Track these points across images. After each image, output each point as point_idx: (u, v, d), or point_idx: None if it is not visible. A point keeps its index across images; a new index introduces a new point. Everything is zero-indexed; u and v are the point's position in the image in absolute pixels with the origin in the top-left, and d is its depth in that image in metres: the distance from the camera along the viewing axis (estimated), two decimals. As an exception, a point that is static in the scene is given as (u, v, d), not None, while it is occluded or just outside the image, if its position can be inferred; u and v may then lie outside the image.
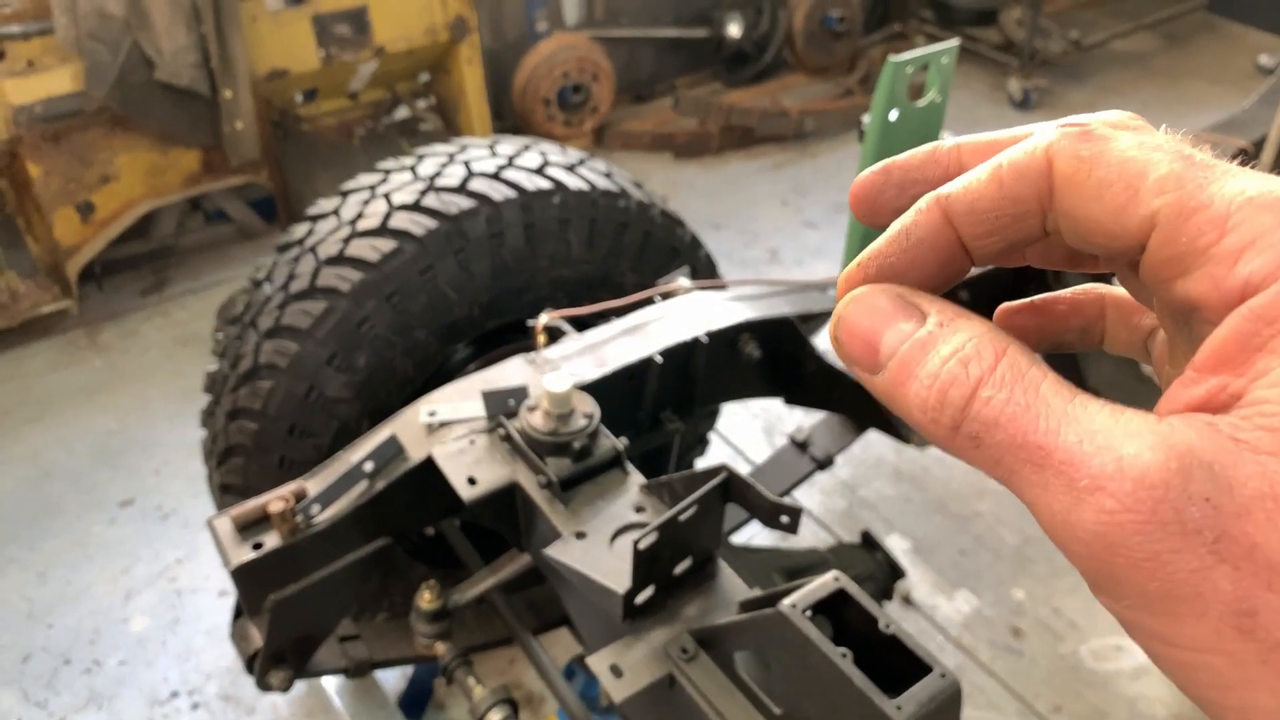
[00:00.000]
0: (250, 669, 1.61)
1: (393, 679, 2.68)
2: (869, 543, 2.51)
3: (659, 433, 1.94)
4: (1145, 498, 0.32)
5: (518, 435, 1.47)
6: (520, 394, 1.53)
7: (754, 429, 3.57)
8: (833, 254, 4.52)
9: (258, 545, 1.45)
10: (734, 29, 5.64)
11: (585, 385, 1.67)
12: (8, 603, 2.97)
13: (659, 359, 1.80)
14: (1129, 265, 0.39)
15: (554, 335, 1.87)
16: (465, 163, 2.13)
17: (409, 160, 2.20)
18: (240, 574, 1.44)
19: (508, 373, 1.71)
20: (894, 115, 2.17)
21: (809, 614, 1.09)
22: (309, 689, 2.64)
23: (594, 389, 1.61)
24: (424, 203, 2.03)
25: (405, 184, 2.09)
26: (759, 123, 5.27)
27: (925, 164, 0.45)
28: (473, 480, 1.47)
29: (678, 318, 1.91)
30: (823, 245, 4.62)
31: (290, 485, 1.50)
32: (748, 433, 3.55)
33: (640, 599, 1.24)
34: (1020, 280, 2.52)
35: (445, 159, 2.17)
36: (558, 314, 1.89)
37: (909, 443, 2.08)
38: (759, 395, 2.17)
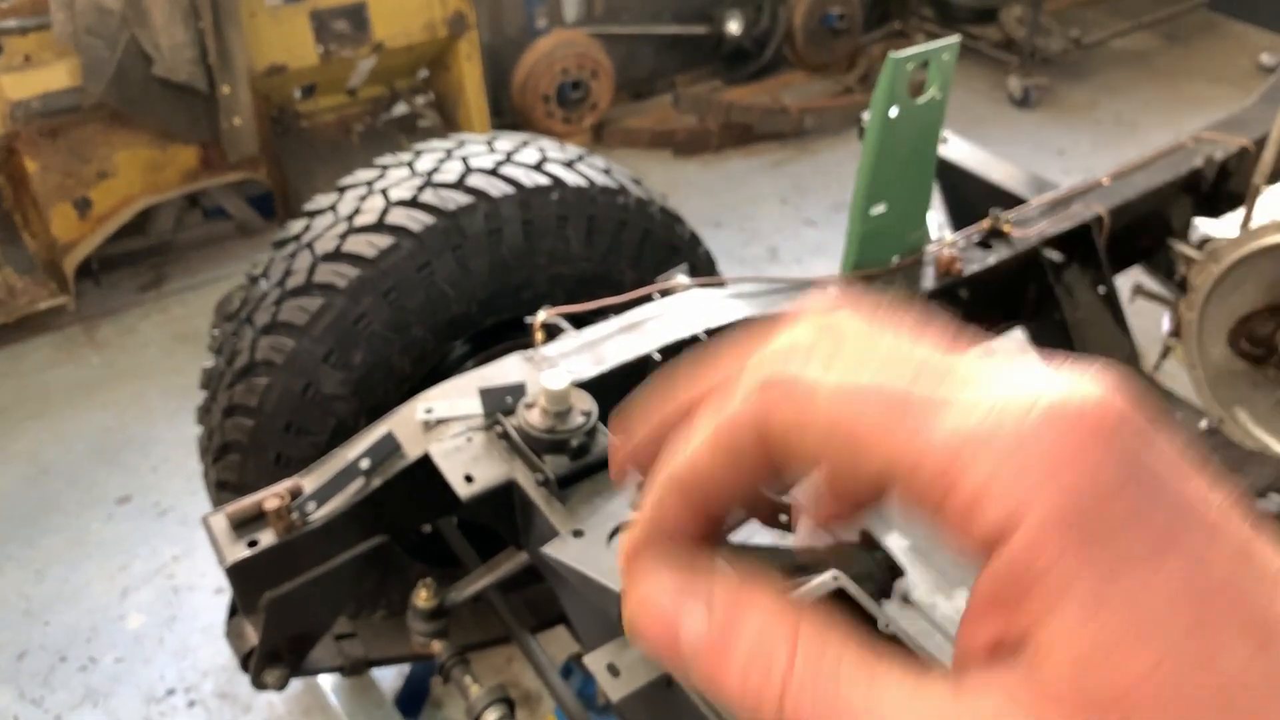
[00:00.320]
0: (245, 667, 1.60)
1: (389, 677, 2.67)
2: (868, 541, 2.50)
3: (657, 431, 1.92)
4: None
5: (515, 433, 1.47)
6: (518, 391, 1.52)
7: (753, 427, 3.56)
8: (832, 252, 4.51)
9: (253, 543, 1.44)
10: (734, 26, 5.63)
11: (583, 383, 1.66)
12: (4, 600, 2.96)
13: (657, 356, 1.79)
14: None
15: (552, 332, 1.86)
16: (463, 159, 2.12)
17: (407, 156, 2.19)
18: (235, 571, 1.44)
19: (505, 370, 1.70)
20: (894, 112, 2.16)
21: (808, 614, 1.09)
22: (305, 687, 2.64)
23: (592, 386, 1.60)
24: (422, 199, 2.02)
25: (403, 180, 2.09)
26: (759, 120, 5.26)
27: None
28: (470, 478, 1.46)
29: (676, 315, 1.91)
30: (822, 243, 4.61)
31: (286, 482, 1.49)
32: (747, 431, 3.54)
33: (638, 598, 1.23)
34: (1021, 279, 2.52)
35: (443, 155, 2.16)
36: (556, 311, 1.88)
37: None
38: (758, 393, 2.16)
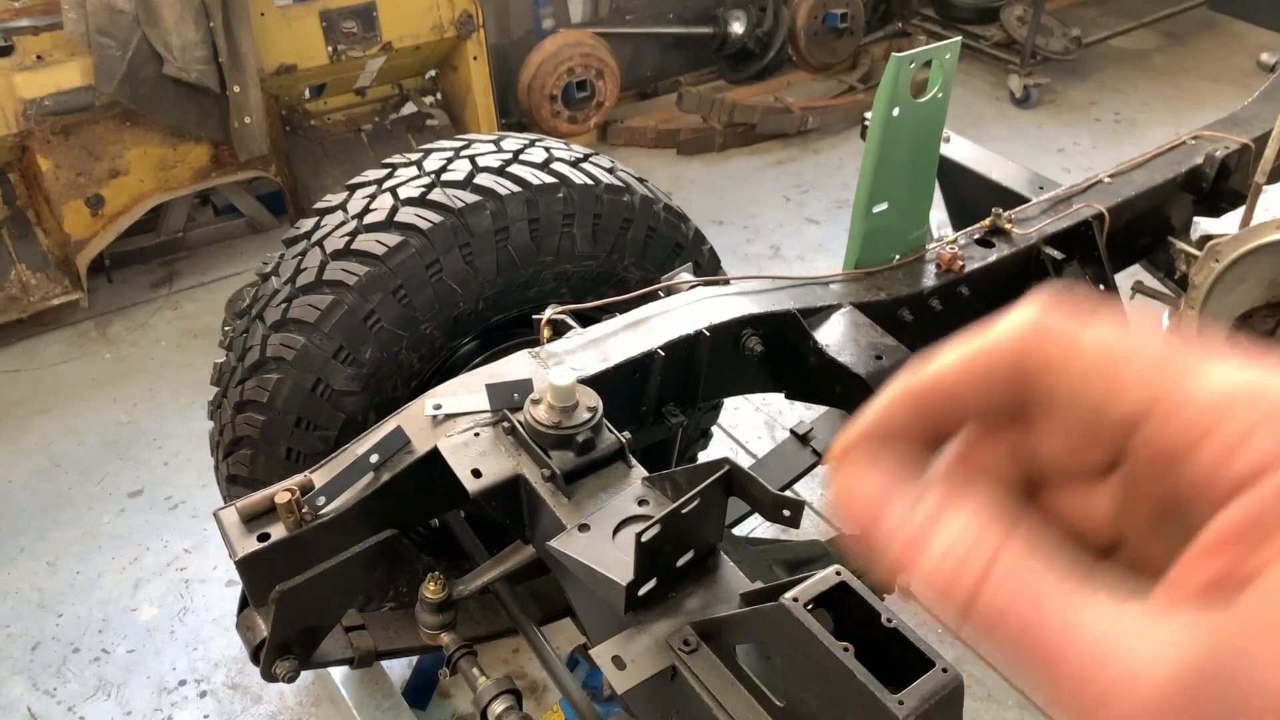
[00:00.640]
0: (256, 660, 1.63)
1: (398, 669, 2.70)
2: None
3: (662, 426, 1.96)
4: (1169, 710, 0.31)
5: (522, 428, 1.49)
6: (524, 387, 1.55)
7: (756, 422, 3.59)
8: (834, 249, 4.53)
9: (264, 536, 1.46)
10: (738, 26, 5.65)
11: (589, 379, 1.69)
12: (18, 592, 3.00)
13: (662, 353, 1.82)
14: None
15: (558, 330, 1.89)
16: (471, 158, 2.15)
17: (415, 156, 2.22)
18: (245, 565, 1.46)
19: (512, 366, 1.73)
20: (896, 112, 2.19)
21: (810, 607, 1.11)
22: (315, 678, 2.67)
23: (597, 383, 1.62)
24: (430, 198, 2.05)
25: (411, 179, 2.12)
26: (762, 119, 5.29)
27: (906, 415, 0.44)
28: (477, 472, 1.49)
29: (681, 312, 1.93)
30: (825, 241, 4.64)
31: (296, 477, 1.52)
32: (750, 426, 3.57)
33: (643, 591, 1.26)
34: (1022, 277, 2.54)
35: (451, 154, 2.19)
36: (562, 309, 1.91)
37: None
38: (761, 389, 2.19)
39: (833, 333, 2.08)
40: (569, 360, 1.76)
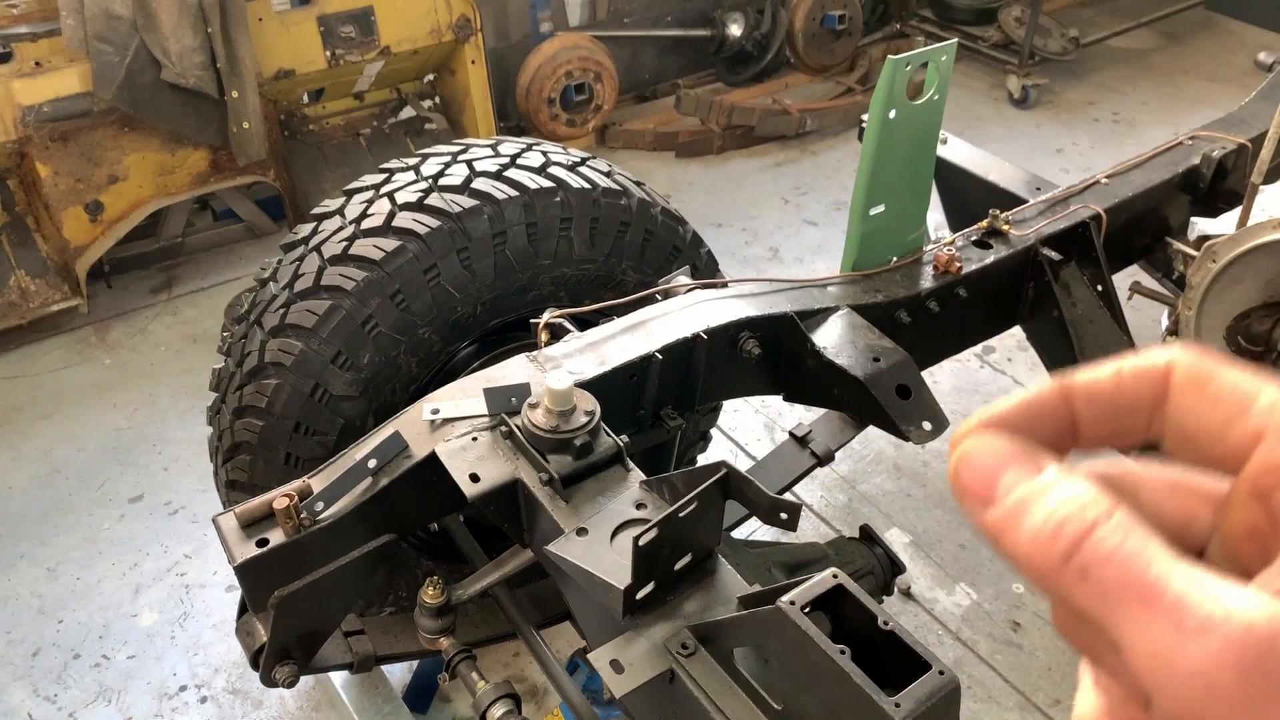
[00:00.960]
0: (256, 665, 1.63)
1: (398, 673, 2.71)
2: (869, 537, 2.53)
3: (660, 429, 1.96)
4: (1252, 646, 0.34)
5: (520, 432, 1.50)
6: (522, 391, 1.55)
7: (755, 425, 3.59)
8: (832, 251, 4.53)
9: (262, 542, 1.47)
10: (735, 29, 5.65)
11: (586, 383, 1.69)
12: (18, 598, 3.00)
13: (659, 356, 1.82)
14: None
15: (556, 333, 1.89)
16: (468, 162, 2.16)
17: (413, 160, 2.22)
18: (244, 570, 1.46)
19: (510, 371, 1.73)
20: (893, 114, 2.19)
21: (807, 610, 1.11)
22: (315, 683, 2.67)
23: (595, 386, 1.63)
24: (427, 202, 2.05)
25: (409, 184, 2.12)
26: (760, 122, 5.29)
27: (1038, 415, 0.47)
28: (475, 477, 1.49)
29: (678, 315, 1.94)
30: (823, 243, 4.64)
31: (295, 482, 1.53)
32: (750, 428, 3.57)
33: (641, 595, 1.26)
34: (1020, 278, 2.54)
35: (448, 159, 2.19)
36: (560, 312, 1.92)
37: (908, 439, 2.10)
38: (759, 392, 2.19)
39: (830, 335, 2.08)
40: (567, 364, 1.76)
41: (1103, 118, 5.70)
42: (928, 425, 1.97)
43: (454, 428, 1.59)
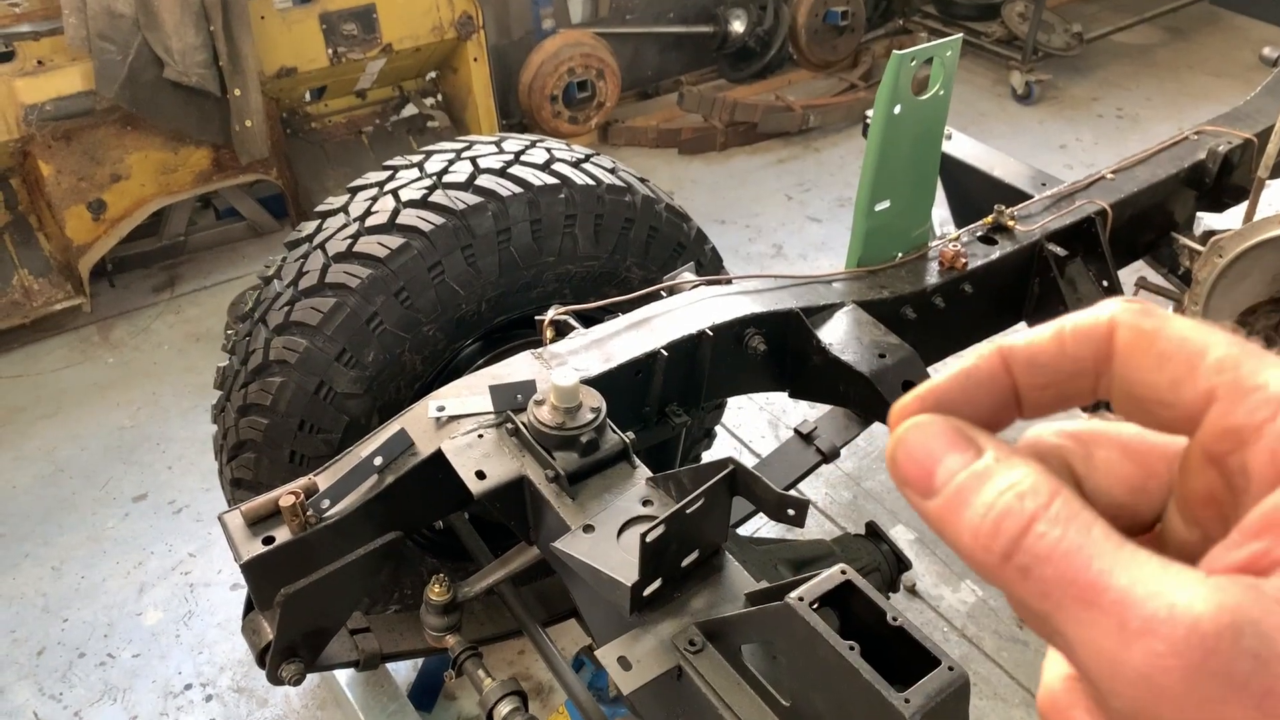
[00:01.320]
0: (262, 663, 1.63)
1: (403, 671, 2.70)
2: (874, 534, 2.52)
3: (665, 426, 1.95)
4: (1197, 646, 0.32)
5: (526, 429, 1.49)
6: (528, 388, 1.55)
7: (760, 422, 3.58)
8: (836, 248, 4.53)
9: (268, 539, 1.46)
10: (738, 25, 5.65)
11: (592, 380, 1.68)
12: (23, 597, 3.00)
13: (665, 353, 1.81)
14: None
15: (561, 330, 1.89)
16: (472, 160, 2.15)
17: (417, 158, 2.22)
18: (251, 568, 1.46)
19: (515, 368, 1.73)
20: (898, 109, 2.18)
21: (816, 606, 1.11)
22: (321, 681, 2.67)
23: (600, 383, 1.62)
24: (432, 200, 2.05)
25: (413, 181, 2.11)
26: (763, 118, 5.28)
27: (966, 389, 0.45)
28: (481, 474, 1.49)
29: (684, 312, 1.93)
30: (827, 239, 4.63)
31: (301, 480, 1.52)
32: (754, 426, 3.57)
33: (648, 591, 1.26)
34: (1025, 273, 2.54)
35: (452, 156, 2.19)
36: (564, 309, 1.91)
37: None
38: (764, 389, 2.19)
39: (836, 331, 2.07)
40: (572, 361, 1.76)
41: (1106, 113, 5.68)
42: (934, 421, 1.96)
43: (459, 425, 1.58)
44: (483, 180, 2.08)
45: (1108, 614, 0.34)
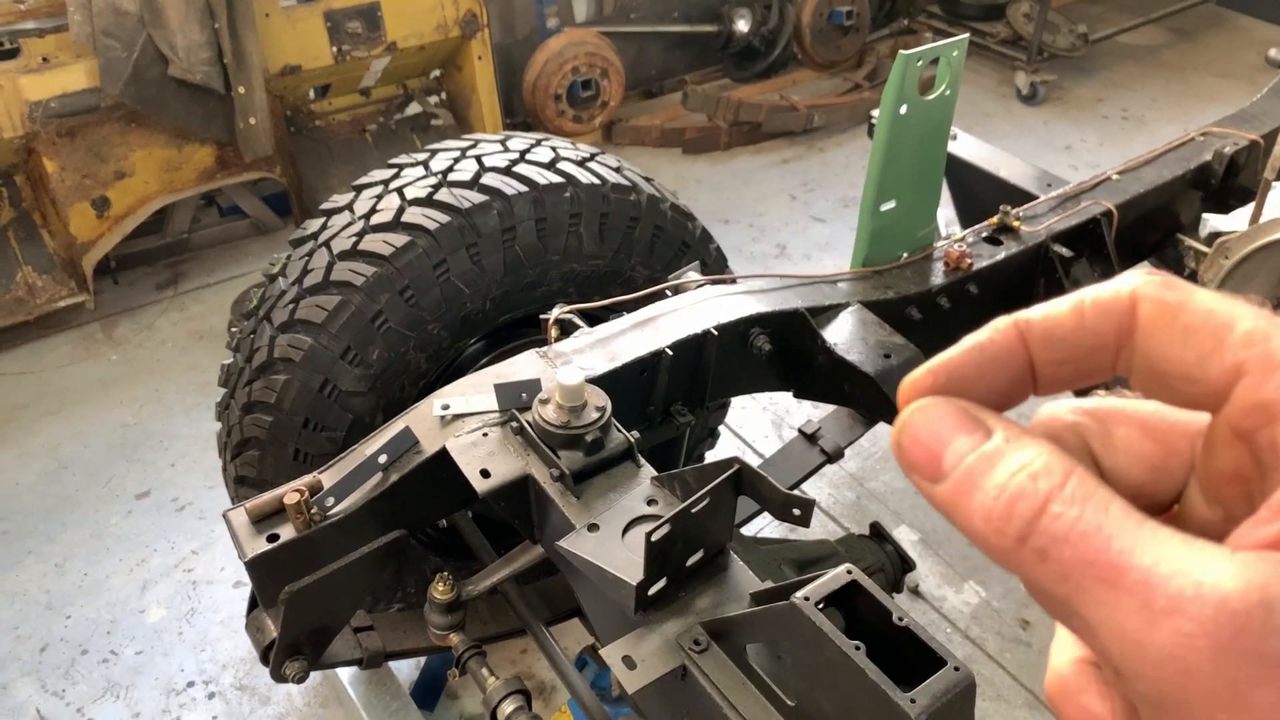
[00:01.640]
0: (265, 660, 1.63)
1: (406, 670, 2.70)
2: (878, 534, 2.52)
3: (670, 425, 1.95)
4: (1227, 624, 0.31)
5: (530, 428, 1.49)
6: (533, 387, 1.54)
7: (764, 422, 3.58)
8: (840, 248, 4.52)
9: (273, 537, 1.46)
10: (743, 24, 5.64)
11: (597, 378, 1.68)
12: (26, 594, 3.00)
13: (669, 352, 1.81)
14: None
15: (565, 329, 1.89)
16: (477, 158, 2.15)
17: (421, 156, 2.21)
18: (255, 565, 1.46)
19: (520, 366, 1.72)
20: (904, 109, 2.18)
21: (821, 606, 1.10)
22: (323, 679, 2.67)
23: (605, 382, 1.62)
24: (437, 198, 2.05)
25: (418, 179, 2.11)
26: (767, 118, 5.28)
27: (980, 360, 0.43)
28: (486, 473, 1.49)
29: (689, 311, 1.93)
30: (831, 239, 4.63)
31: (305, 478, 1.52)
32: (757, 425, 3.56)
33: (653, 591, 1.25)
34: (1030, 274, 2.53)
35: (458, 154, 2.18)
36: (569, 308, 1.91)
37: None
38: (769, 388, 2.18)
39: (841, 331, 2.07)
40: (577, 360, 1.76)
41: (1112, 114, 5.67)
42: (939, 422, 1.96)
43: (464, 423, 1.58)
44: (488, 179, 2.08)
45: (1131, 594, 0.33)
